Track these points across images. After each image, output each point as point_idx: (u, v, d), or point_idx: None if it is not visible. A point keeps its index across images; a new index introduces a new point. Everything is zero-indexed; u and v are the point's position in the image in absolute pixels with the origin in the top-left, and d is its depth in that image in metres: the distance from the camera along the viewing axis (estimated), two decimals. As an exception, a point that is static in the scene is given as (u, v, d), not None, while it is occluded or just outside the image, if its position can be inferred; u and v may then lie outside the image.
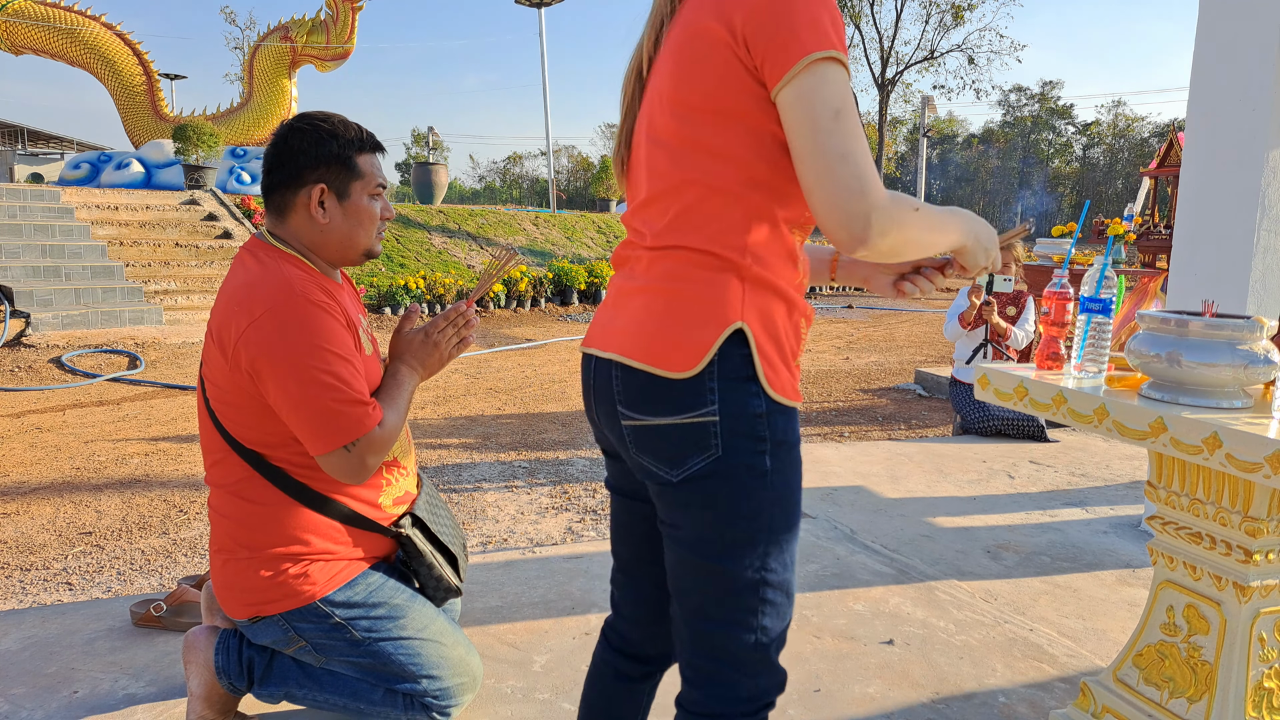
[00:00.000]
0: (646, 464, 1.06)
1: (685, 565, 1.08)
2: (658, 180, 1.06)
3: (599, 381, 1.10)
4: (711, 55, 1.00)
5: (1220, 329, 1.38)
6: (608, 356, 1.08)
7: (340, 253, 1.70)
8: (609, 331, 1.10)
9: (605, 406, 1.10)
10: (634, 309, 1.07)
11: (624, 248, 1.14)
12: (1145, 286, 1.87)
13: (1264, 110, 2.68)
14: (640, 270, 1.08)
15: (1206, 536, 1.49)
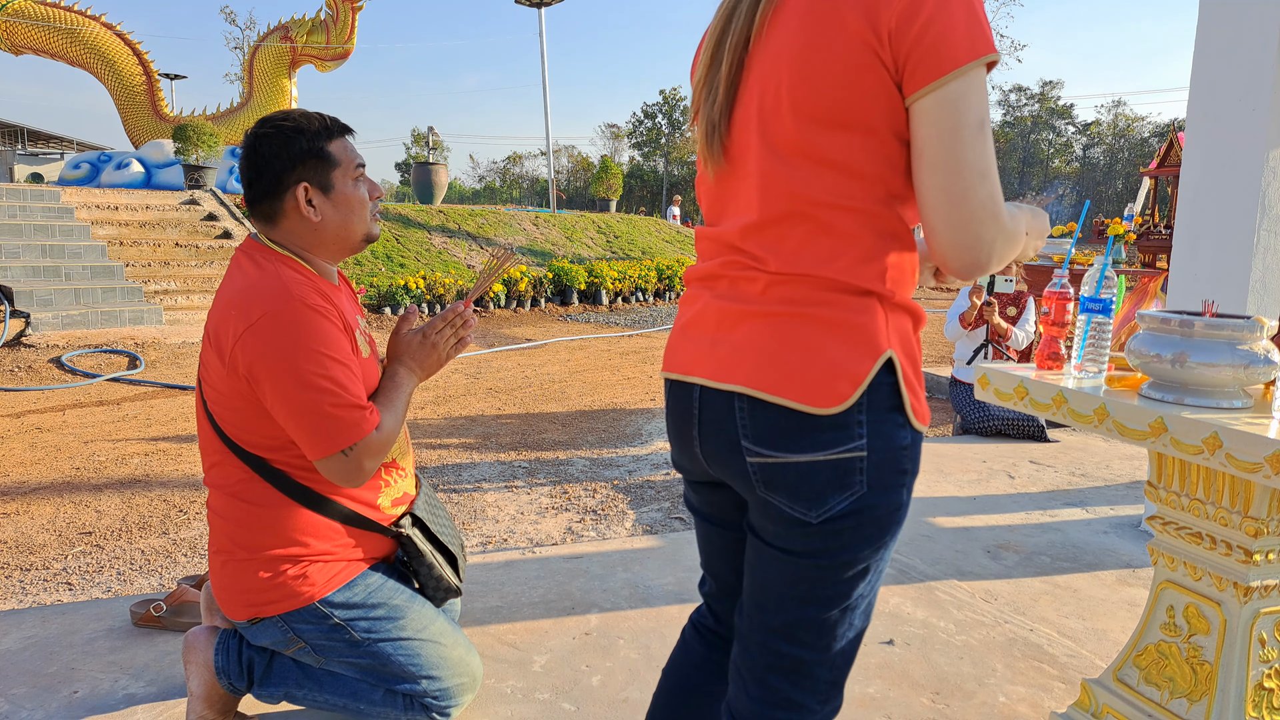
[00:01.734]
0: (778, 502, 0.97)
1: (790, 589, 1.01)
2: (778, 200, 0.96)
3: (709, 414, 1.02)
4: (848, 56, 0.90)
5: (1220, 329, 1.38)
6: (727, 388, 0.98)
7: (339, 245, 1.69)
8: (719, 359, 0.99)
9: (721, 440, 1.01)
10: (758, 337, 0.97)
11: (727, 267, 1.02)
12: (1145, 286, 1.87)
13: (1264, 110, 2.68)
14: (757, 293, 0.98)
15: (1207, 536, 1.49)
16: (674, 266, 12.70)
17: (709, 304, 1.04)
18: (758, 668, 1.06)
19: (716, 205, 1.07)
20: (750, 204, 0.99)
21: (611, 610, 2.38)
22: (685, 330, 1.08)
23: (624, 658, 2.13)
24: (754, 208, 0.98)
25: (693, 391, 1.04)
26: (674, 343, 1.11)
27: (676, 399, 1.09)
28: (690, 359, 1.05)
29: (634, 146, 67.55)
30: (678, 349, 1.09)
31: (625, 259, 13.71)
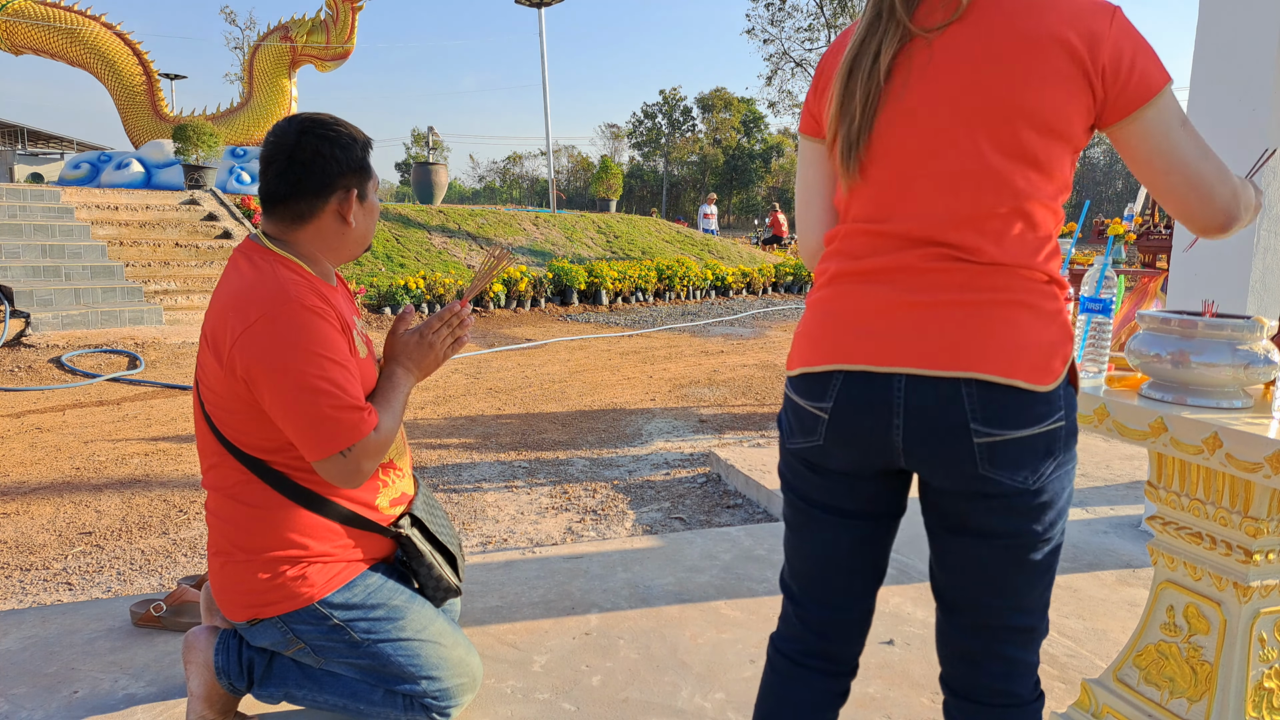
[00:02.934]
0: (999, 476, 1.08)
1: (1020, 569, 1.13)
2: (998, 196, 1.07)
3: (921, 400, 1.07)
4: (1065, 70, 1.04)
5: (1220, 329, 1.38)
6: (952, 375, 1.06)
7: (353, 251, 1.73)
8: (936, 348, 1.06)
9: (939, 425, 1.07)
10: (983, 323, 1.06)
11: (924, 259, 1.09)
12: (1145, 286, 1.87)
13: (1264, 110, 2.68)
14: (967, 283, 1.07)
15: (1207, 536, 1.49)
16: (674, 266, 12.71)
17: (897, 296, 1.10)
18: (1001, 650, 1.17)
19: (884, 203, 1.12)
20: (954, 199, 1.08)
21: (611, 610, 2.38)
22: (861, 322, 1.12)
23: (624, 658, 2.13)
24: (963, 202, 1.08)
25: (893, 382, 1.09)
26: (841, 336, 1.13)
27: (864, 390, 1.11)
28: (886, 350, 1.09)
29: (634, 146, 67.54)
30: (856, 341, 1.11)
31: (625, 259, 13.71)
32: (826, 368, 1.14)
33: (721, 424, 5.24)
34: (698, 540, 2.92)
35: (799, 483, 1.24)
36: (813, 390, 1.16)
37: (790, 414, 1.21)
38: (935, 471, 1.11)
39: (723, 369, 7.18)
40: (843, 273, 1.15)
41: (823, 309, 1.17)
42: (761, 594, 2.51)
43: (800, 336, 1.20)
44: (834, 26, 31.91)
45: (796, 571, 1.28)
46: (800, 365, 1.18)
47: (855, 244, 1.15)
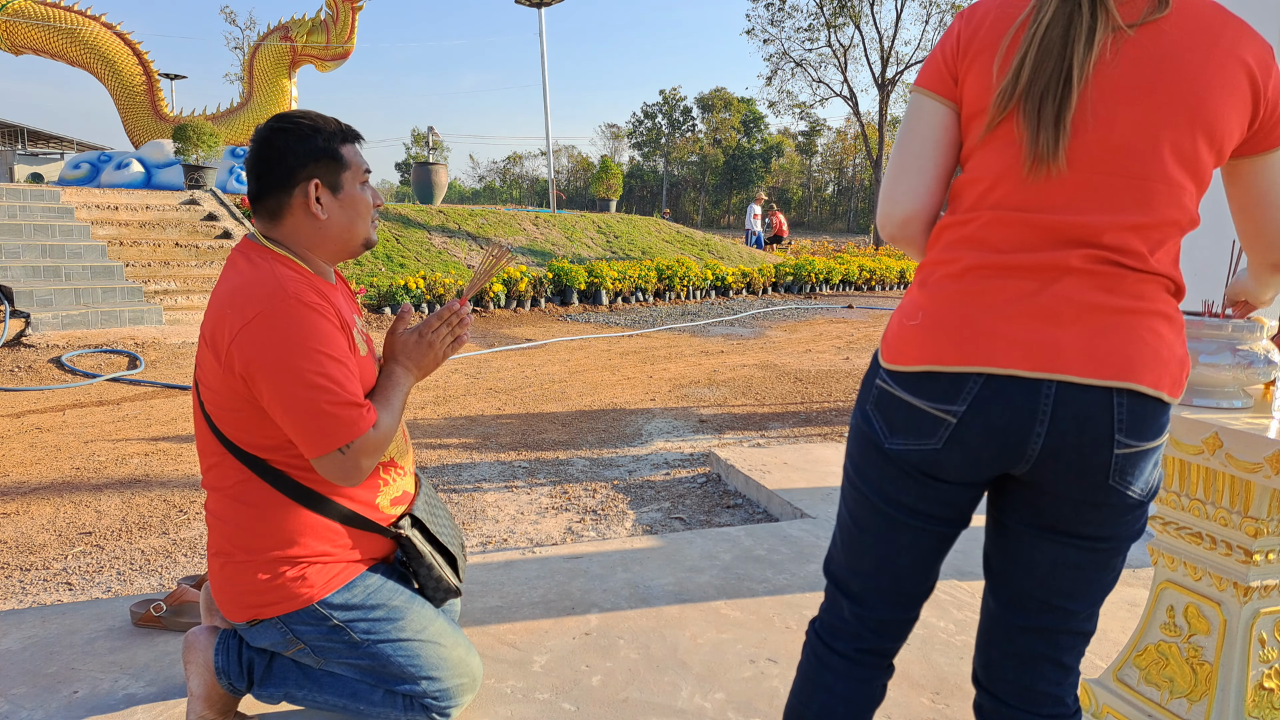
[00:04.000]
0: (1123, 488, 1.07)
1: (1106, 573, 1.14)
2: (1167, 206, 1.05)
3: (1071, 410, 1.03)
4: (1242, 89, 1.05)
5: (1220, 329, 1.38)
6: (1106, 384, 1.03)
7: (340, 247, 1.69)
8: (1094, 355, 1.03)
9: (1083, 435, 1.04)
10: (1143, 334, 1.04)
11: (1085, 260, 1.05)
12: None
13: (1264, 110, 2.67)
14: (1128, 290, 1.05)
15: (1207, 537, 1.49)
16: (673, 267, 12.71)
17: (1051, 298, 1.05)
18: (1061, 656, 1.18)
19: (1048, 194, 1.06)
20: (1129, 202, 1.05)
21: (611, 610, 2.38)
22: (1008, 323, 1.05)
23: (624, 658, 2.12)
24: (1138, 207, 1.05)
25: (1042, 388, 1.04)
26: (983, 335, 1.06)
27: (1008, 396, 1.05)
28: (1037, 355, 1.04)
29: (634, 146, 67.48)
30: (1002, 343, 1.05)
31: (625, 259, 13.71)
32: (962, 369, 1.06)
33: (721, 424, 5.24)
34: (698, 540, 2.92)
35: (888, 485, 1.16)
36: (939, 391, 1.08)
37: (893, 412, 1.13)
38: (1060, 479, 1.07)
39: (723, 369, 7.18)
40: (983, 265, 1.08)
41: (957, 302, 1.08)
42: (761, 594, 2.51)
43: (919, 330, 1.11)
44: (834, 26, 31.89)
45: (860, 570, 1.23)
46: (922, 361, 1.09)
47: (1000, 234, 1.08)
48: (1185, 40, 1.04)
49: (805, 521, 3.16)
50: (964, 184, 1.14)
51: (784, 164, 71.22)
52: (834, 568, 1.29)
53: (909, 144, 1.16)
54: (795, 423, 5.35)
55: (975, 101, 1.11)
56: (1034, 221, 1.06)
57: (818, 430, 5.17)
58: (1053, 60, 1.04)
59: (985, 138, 1.11)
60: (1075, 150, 1.05)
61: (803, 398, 6.13)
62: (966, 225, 1.11)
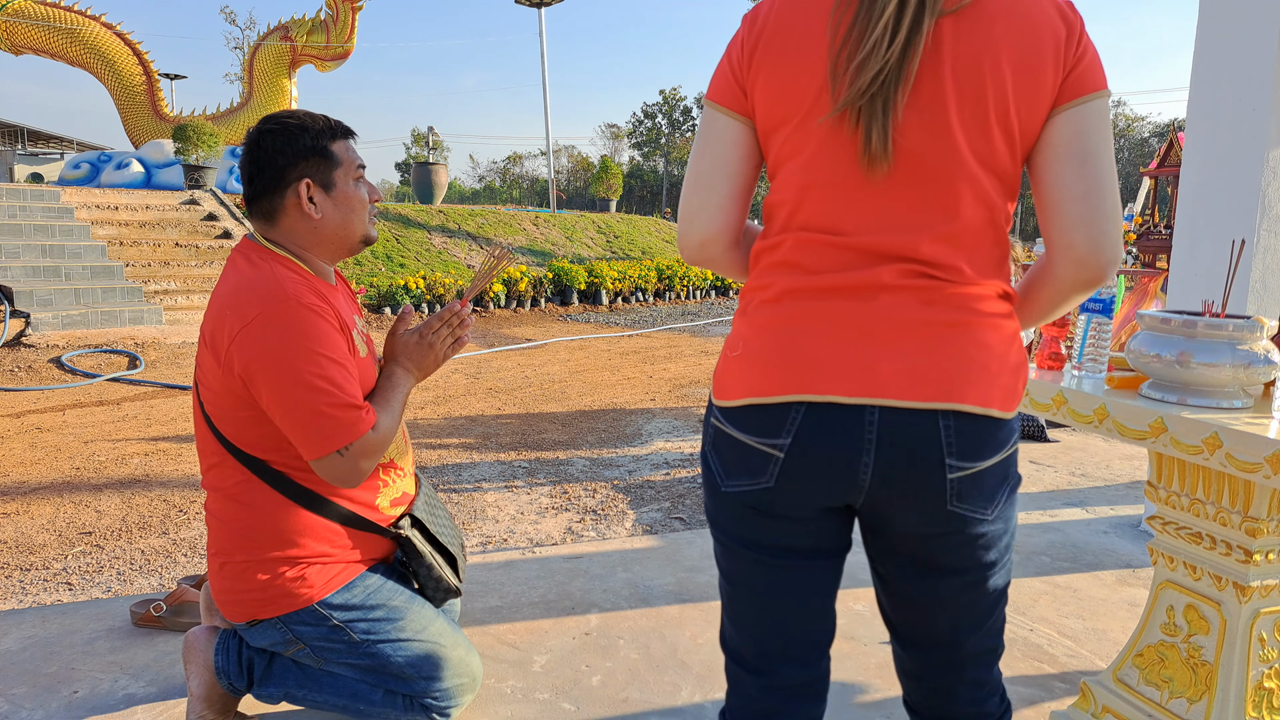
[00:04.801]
0: (964, 511, 1.00)
1: (985, 597, 1.10)
2: (977, 209, 0.98)
3: (895, 436, 0.96)
4: (1050, 65, 0.96)
5: (1221, 329, 1.38)
6: (930, 407, 0.95)
7: (337, 245, 1.69)
8: (914, 377, 0.96)
9: (913, 460, 0.97)
10: (964, 348, 0.97)
11: (898, 276, 0.97)
12: (1145, 286, 1.87)
13: (1264, 110, 2.68)
14: (947, 303, 0.97)
15: (1206, 536, 1.49)
16: (674, 266, 12.71)
17: (867, 319, 0.97)
18: (970, 675, 1.15)
19: (857, 213, 0.98)
20: (936, 212, 0.97)
21: (611, 610, 2.38)
22: (825, 348, 0.98)
23: (624, 658, 2.12)
24: (946, 216, 0.97)
25: (865, 415, 0.96)
26: (801, 362, 0.98)
27: (830, 425, 0.97)
28: (856, 379, 0.96)
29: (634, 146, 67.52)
30: (820, 369, 0.97)
31: (625, 259, 13.71)
32: (783, 398, 0.98)
33: (721, 424, 5.24)
34: (698, 540, 2.92)
35: (743, 529, 1.07)
36: (764, 424, 1.00)
37: (727, 451, 1.05)
38: (898, 510, 1.01)
39: (723, 369, 7.18)
40: (797, 288, 1.00)
41: (774, 329, 1.01)
42: (761, 594, 2.51)
43: (739, 361, 1.03)
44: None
45: (753, 634, 1.10)
46: (744, 394, 1.01)
47: (812, 255, 1.00)
48: (996, 21, 0.95)
49: (805, 521, 3.16)
50: (773, 204, 1.05)
51: (784, 164, 71.06)
52: (729, 644, 1.15)
53: (700, 163, 1.07)
54: (795, 423, 5.35)
55: (771, 113, 1.01)
56: (843, 243, 0.98)
57: (818, 430, 5.17)
58: (877, 59, 0.93)
59: (790, 150, 1.01)
60: (893, 163, 0.97)
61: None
62: (778, 249, 1.03)
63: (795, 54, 0.99)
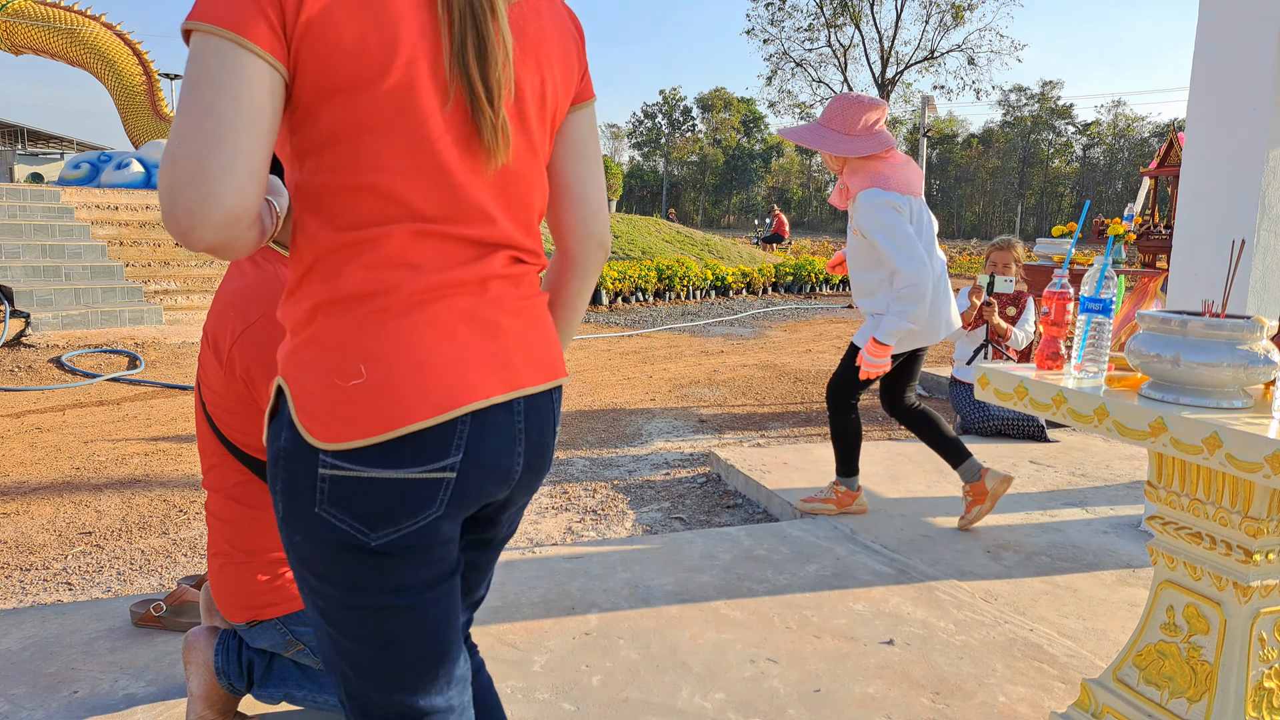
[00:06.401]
0: (538, 484, 1.07)
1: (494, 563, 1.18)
2: (542, 194, 1.06)
3: (535, 420, 1.00)
4: (576, 68, 1.08)
5: (1220, 329, 1.38)
6: (550, 385, 1.02)
7: None
8: (536, 360, 1.00)
9: (543, 439, 1.03)
10: (548, 324, 1.05)
11: (505, 264, 0.98)
12: (1145, 286, 1.87)
13: (1264, 110, 2.68)
14: (534, 283, 1.04)
15: (1206, 536, 1.49)
16: (674, 266, 12.71)
17: (492, 310, 0.96)
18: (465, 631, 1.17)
19: (465, 202, 0.93)
20: (526, 199, 1.01)
21: (611, 610, 2.38)
22: (469, 351, 0.93)
23: (624, 658, 2.12)
24: (532, 202, 1.02)
25: (514, 407, 0.97)
26: (459, 366, 0.92)
27: (494, 426, 0.95)
28: (507, 374, 0.96)
29: (634, 146, 67.45)
30: (473, 373, 0.92)
31: (625, 259, 13.71)
32: (448, 416, 0.90)
33: (721, 424, 5.24)
34: (698, 540, 2.92)
35: (400, 578, 0.94)
36: (427, 449, 0.90)
37: (367, 499, 0.89)
38: (522, 488, 1.04)
39: (723, 369, 7.17)
40: (419, 290, 0.90)
41: (407, 342, 0.89)
42: (761, 594, 2.51)
43: (371, 388, 0.88)
44: (834, 26, 31.86)
45: (412, 676, 0.98)
46: (393, 425, 0.88)
47: (428, 249, 0.91)
48: (549, 29, 1.02)
49: (805, 521, 3.16)
50: (351, 188, 0.89)
51: (784, 164, 71.22)
52: (381, 712, 1.00)
53: (222, 108, 0.79)
54: (795, 423, 5.35)
55: (332, 73, 0.85)
56: (458, 233, 0.93)
57: (818, 430, 5.17)
58: (475, 28, 0.89)
59: (365, 121, 0.87)
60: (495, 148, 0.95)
61: (803, 398, 6.13)
62: (382, 244, 0.89)
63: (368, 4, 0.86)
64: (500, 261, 0.97)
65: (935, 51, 31.89)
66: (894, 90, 32.44)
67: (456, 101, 0.90)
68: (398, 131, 0.88)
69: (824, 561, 2.76)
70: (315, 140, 0.89)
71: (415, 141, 0.89)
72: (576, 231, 1.10)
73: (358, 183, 0.89)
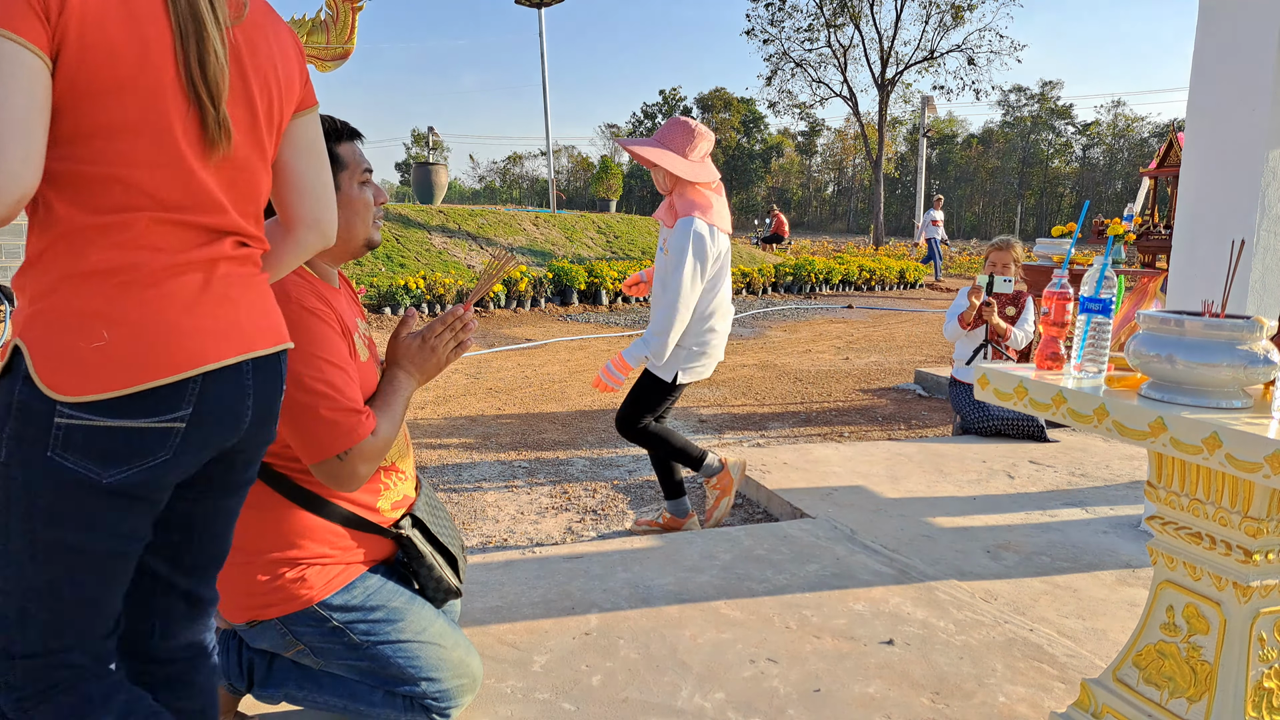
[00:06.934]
0: (269, 434, 1.26)
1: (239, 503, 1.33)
2: (266, 190, 1.25)
3: (265, 378, 1.20)
4: (298, 78, 1.27)
5: (1220, 329, 1.38)
6: (278, 349, 1.22)
7: (340, 248, 1.67)
8: (262, 328, 1.19)
9: (273, 395, 1.23)
10: (269, 299, 1.23)
11: (233, 246, 1.16)
12: (1145, 286, 1.87)
13: (1264, 110, 2.68)
14: (256, 263, 1.22)
15: (1206, 536, 1.49)
16: (674, 266, 12.68)
17: (223, 282, 1.14)
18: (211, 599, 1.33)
19: (198, 192, 1.10)
20: (253, 192, 1.20)
21: (611, 610, 2.38)
22: (203, 316, 1.10)
23: (624, 658, 2.13)
24: (258, 195, 1.21)
25: (244, 369, 1.16)
26: (193, 333, 1.08)
27: (226, 384, 1.13)
28: (238, 339, 1.15)
29: (634, 146, 67.22)
30: (208, 335, 1.10)
31: (625, 259, 13.71)
32: (181, 376, 1.06)
33: (721, 424, 5.24)
34: (698, 540, 2.92)
35: (121, 523, 1.09)
36: (159, 403, 1.05)
37: (101, 443, 1.03)
38: (253, 439, 1.23)
39: (722, 369, 7.18)
40: (161, 267, 1.06)
41: (150, 309, 1.05)
42: (761, 594, 2.51)
43: (113, 349, 1.02)
44: (834, 26, 31.85)
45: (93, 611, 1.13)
46: (131, 383, 1.03)
47: (166, 234, 1.07)
48: (269, 32, 1.20)
49: (805, 521, 3.16)
50: (101, 178, 1.02)
51: (784, 164, 71.23)
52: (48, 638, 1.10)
53: (15, 102, 0.93)
54: (795, 423, 5.35)
55: (94, 75, 0.98)
56: (194, 220, 1.10)
57: (818, 430, 5.17)
58: (196, 33, 1.05)
59: (116, 119, 1.01)
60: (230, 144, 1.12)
61: (802, 398, 6.13)
62: (127, 229, 1.04)
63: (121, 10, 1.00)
64: (229, 245, 1.15)
65: (935, 52, 31.87)
66: (894, 90, 32.43)
67: (189, 101, 1.06)
68: (146, 130, 1.03)
69: (824, 561, 2.76)
70: (69, 132, 1.00)
71: (160, 139, 1.04)
72: (305, 220, 1.31)
73: (108, 174, 1.03)
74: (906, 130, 52.37)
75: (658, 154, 2.96)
